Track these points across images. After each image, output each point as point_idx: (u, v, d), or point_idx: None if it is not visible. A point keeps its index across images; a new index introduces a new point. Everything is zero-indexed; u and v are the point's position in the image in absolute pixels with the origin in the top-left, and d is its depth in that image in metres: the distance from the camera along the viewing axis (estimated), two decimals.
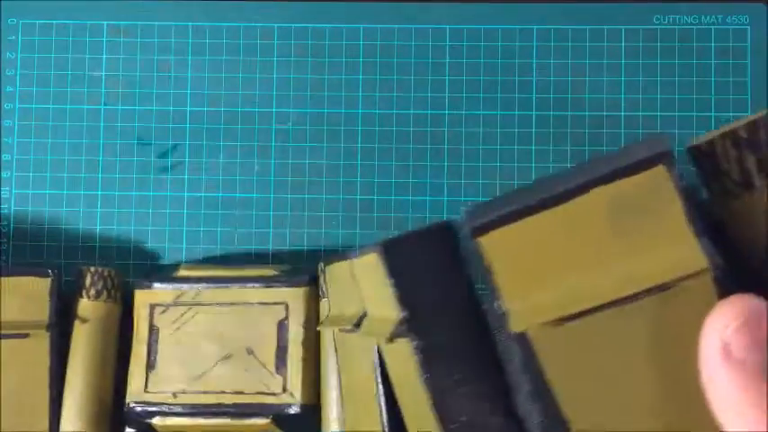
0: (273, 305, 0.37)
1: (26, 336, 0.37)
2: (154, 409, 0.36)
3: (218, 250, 0.42)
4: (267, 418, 0.36)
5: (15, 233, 0.42)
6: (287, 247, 0.42)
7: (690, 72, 0.42)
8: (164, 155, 0.42)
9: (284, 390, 0.36)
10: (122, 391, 0.37)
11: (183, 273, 0.39)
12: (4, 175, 0.42)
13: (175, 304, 0.37)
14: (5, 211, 0.42)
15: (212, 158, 0.42)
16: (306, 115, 0.42)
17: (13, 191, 0.42)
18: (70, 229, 0.42)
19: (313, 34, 0.43)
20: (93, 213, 0.42)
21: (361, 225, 0.41)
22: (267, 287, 0.37)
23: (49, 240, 0.42)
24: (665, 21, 0.42)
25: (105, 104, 0.42)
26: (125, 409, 0.37)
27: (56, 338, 0.37)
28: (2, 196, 0.42)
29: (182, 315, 0.37)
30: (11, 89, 0.43)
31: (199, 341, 0.37)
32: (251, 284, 0.37)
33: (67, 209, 0.42)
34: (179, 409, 0.36)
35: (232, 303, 0.37)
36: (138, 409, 0.37)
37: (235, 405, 0.36)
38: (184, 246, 0.42)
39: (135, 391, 0.37)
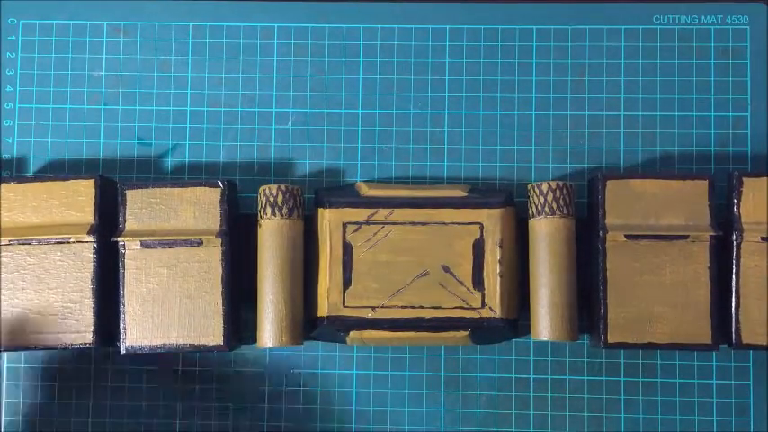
0: (468, 225, 0.38)
1: (200, 243, 0.38)
2: (351, 322, 0.38)
3: None
4: (466, 331, 0.38)
5: None
6: None
7: (690, 72, 0.42)
8: (164, 155, 0.42)
9: (483, 304, 0.38)
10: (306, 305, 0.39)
11: (370, 192, 0.40)
12: (4, 174, 0.42)
13: (368, 223, 0.39)
14: None
15: (212, 158, 0.42)
16: (306, 115, 0.42)
17: None
18: None
19: (313, 34, 0.43)
20: None
21: None
22: (462, 208, 0.39)
23: None
24: (665, 21, 0.42)
25: (105, 104, 0.43)
26: (323, 323, 0.38)
27: (227, 245, 0.38)
28: None
29: (374, 234, 0.38)
30: (11, 89, 0.43)
31: (394, 258, 0.38)
32: (445, 206, 0.39)
33: None
34: (377, 323, 0.38)
35: (425, 223, 0.39)
36: (336, 322, 0.38)
37: (434, 319, 0.38)
38: None
39: (333, 305, 0.38)
